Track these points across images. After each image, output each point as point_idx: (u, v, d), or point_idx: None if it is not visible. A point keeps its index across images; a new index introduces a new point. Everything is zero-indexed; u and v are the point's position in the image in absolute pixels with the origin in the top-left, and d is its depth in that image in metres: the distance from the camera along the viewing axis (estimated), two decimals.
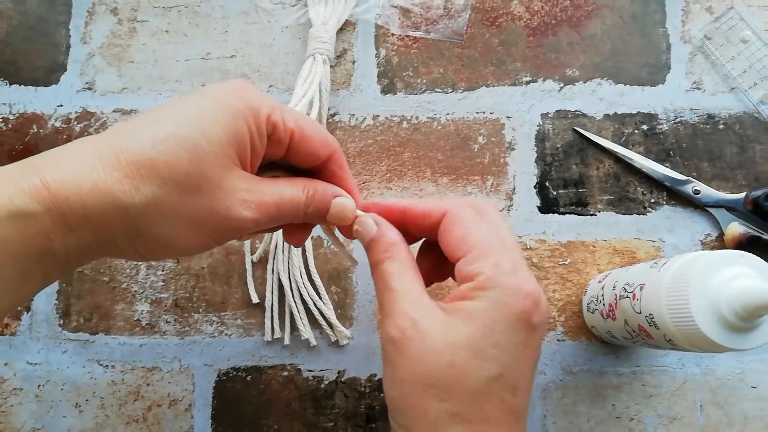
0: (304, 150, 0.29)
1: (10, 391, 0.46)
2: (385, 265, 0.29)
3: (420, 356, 0.27)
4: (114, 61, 0.51)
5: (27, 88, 0.51)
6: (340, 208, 0.30)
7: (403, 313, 0.28)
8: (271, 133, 0.28)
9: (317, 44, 0.47)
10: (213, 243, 0.27)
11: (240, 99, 0.27)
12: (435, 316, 0.27)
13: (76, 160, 0.24)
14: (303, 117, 0.29)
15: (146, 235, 0.25)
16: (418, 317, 0.27)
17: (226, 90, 0.27)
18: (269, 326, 0.45)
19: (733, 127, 0.47)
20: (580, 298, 0.45)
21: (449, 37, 0.50)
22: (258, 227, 0.28)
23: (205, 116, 0.26)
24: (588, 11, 0.50)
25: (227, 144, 0.26)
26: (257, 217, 0.27)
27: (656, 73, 0.48)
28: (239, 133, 0.26)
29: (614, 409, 0.44)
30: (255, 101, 0.27)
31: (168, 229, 0.25)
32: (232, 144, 0.26)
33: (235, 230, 0.27)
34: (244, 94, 0.27)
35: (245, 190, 0.27)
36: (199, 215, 0.26)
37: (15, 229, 0.22)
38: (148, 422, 0.45)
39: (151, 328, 0.46)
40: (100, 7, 0.51)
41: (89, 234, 0.24)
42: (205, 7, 0.51)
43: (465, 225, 0.29)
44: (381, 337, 0.28)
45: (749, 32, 0.48)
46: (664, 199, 0.47)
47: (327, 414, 0.45)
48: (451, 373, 0.26)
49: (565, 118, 0.48)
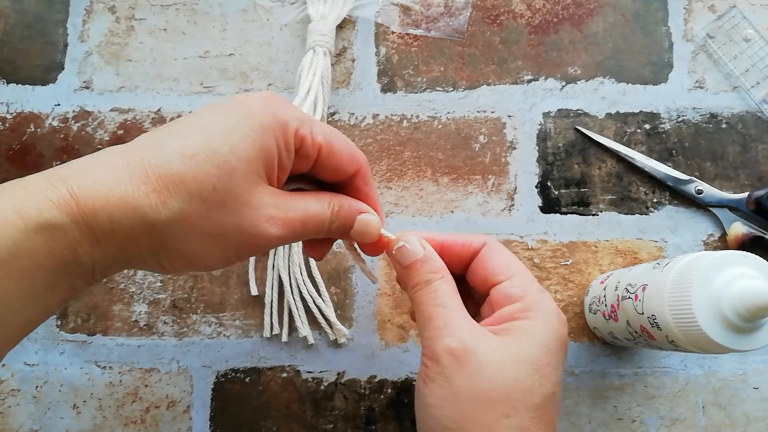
0: (331, 165, 0.29)
1: (8, 392, 0.46)
2: (436, 284, 0.30)
3: (484, 370, 0.27)
4: (112, 59, 0.50)
5: (24, 87, 0.50)
6: (365, 225, 0.30)
7: (461, 327, 0.28)
8: (299, 148, 0.27)
9: (317, 37, 0.47)
10: (236, 258, 0.27)
11: (270, 114, 0.26)
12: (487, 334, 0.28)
13: (104, 171, 0.24)
14: (332, 131, 0.29)
15: (171, 249, 0.25)
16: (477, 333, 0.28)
17: (256, 103, 0.27)
18: (268, 322, 0.45)
19: (736, 126, 0.47)
20: (581, 299, 0.45)
21: (450, 35, 0.49)
22: (282, 243, 0.28)
23: (234, 131, 0.25)
24: (590, 9, 0.49)
25: (256, 160, 0.26)
26: (283, 233, 0.27)
27: (659, 71, 0.48)
28: (268, 148, 0.26)
29: (616, 411, 0.44)
30: (284, 115, 0.27)
31: (193, 245, 0.25)
32: (260, 160, 0.26)
33: (260, 246, 0.27)
34: (274, 108, 0.27)
35: (272, 206, 0.26)
36: (225, 231, 0.25)
37: (44, 241, 0.22)
38: (146, 424, 0.45)
39: (149, 329, 0.46)
40: (98, 5, 0.51)
41: (115, 247, 0.24)
42: (203, 5, 0.51)
43: (505, 253, 0.32)
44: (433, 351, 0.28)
45: (752, 31, 0.47)
46: (666, 199, 0.46)
47: (326, 416, 0.44)
48: (516, 388, 0.27)
49: (567, 117, 0.48)
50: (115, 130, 0.49)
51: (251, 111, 0.26)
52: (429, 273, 0.30)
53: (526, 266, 0.32)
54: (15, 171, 0.48)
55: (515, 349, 0.28)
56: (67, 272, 0.24)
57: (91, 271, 0.25)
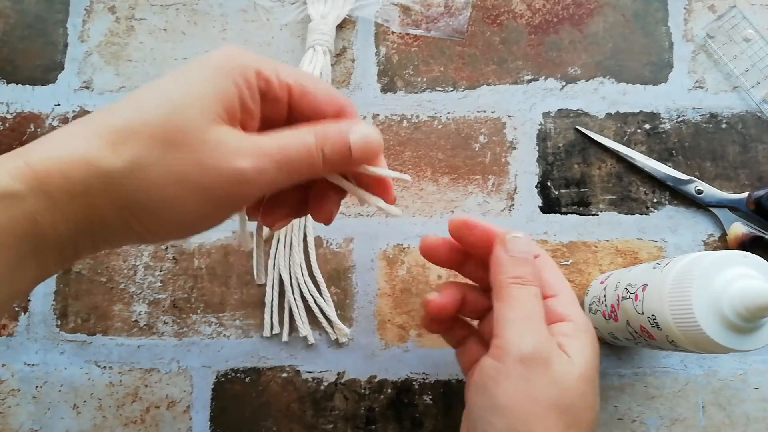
0: (307, 107, 0.27)
1: (8, 392, 0.46)
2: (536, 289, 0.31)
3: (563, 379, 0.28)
4: (112, 59, 0.50)
5: (24, 87, 0.50)
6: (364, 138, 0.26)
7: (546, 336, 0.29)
8: (265, 90, 0.26)
9: (317, 36, 0.47)
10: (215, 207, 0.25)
11: (226, 58, 0.25)
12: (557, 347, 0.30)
13: (59, 138, 0.23)
14: (303, 73, 0.27)
15: (135, 203, 0.23)
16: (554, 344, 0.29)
17: (213, 54, 0.25)
18: (268, 322, 0.45)
19: (736, 126, 0.47)
20: (581, 299, 0.45)
21: (450, 35, 0.49)
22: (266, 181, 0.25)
23: (186, 77, 0.24)
24: (590, 9, 0.49)
25: (210, 99, 0.24)
26: (258, 164, 0.24)
27: (658, 71, 0.48)
28: (223, 88, 0.24)
29: (616, 411, 0.44)
30: (243, 58, 0.25)
31: (157, 194, 0.23)
32: (217, 99, 0.24)
33: (233, 186, 0.24)
34: (232, 54, 0.25)
35: (237, 140, 0.24)
36: (188, 172, 0.23)
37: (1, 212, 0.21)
38: (146, 424, 0.45)
39: (149, 329, 0.46)
40: (98, 5, 0.51)
41: (76, 211, 0.23)
42: (203, 5, 0.51)
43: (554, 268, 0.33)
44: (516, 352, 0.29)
45: (752, 31, 0.47)
46: (666, 198, 0.46)
47: (326, 416, 0.44)
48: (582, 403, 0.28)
49: (567, 117, 0.48)
50: None
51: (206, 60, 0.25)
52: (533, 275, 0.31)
53: None
54: None
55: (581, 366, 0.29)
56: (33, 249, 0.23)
57: (58, 246, 0.23)
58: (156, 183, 0.23)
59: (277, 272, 0.45)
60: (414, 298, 0.46)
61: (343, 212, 0.47)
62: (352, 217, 0.47)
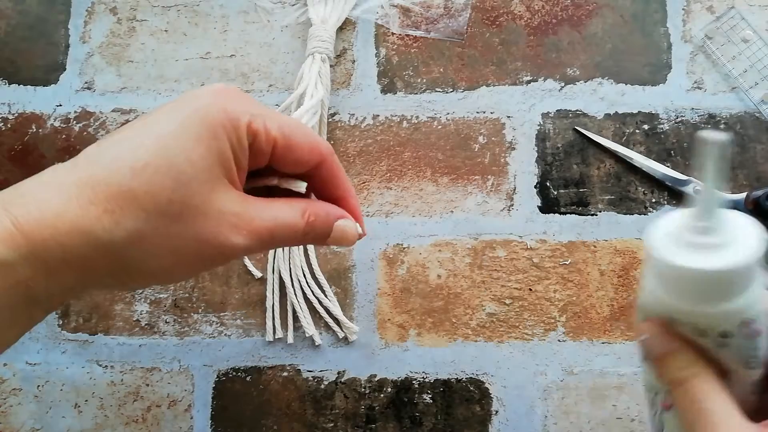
0: (290, 159, 0.27)
1: (10, 392, 0.46)
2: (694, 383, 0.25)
3: None
4: (113, 60, 0.50)
5: (26, 88, 0.50)
6: (342, 233, 0.28)
7: None
8: (252, 143, 0.25)
9: (316, 43, 0.47)
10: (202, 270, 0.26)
11: (220, 110, 0.24)
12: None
13: (48, 195, 0.22)
14: (289, 122, 0.26)
15: (132, 269, 0.23)
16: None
17: (205, 99, 0.24)
18: (270, 326, 0.45)
19: (734, 126, 0.47)
20: (581, 298, 0.45)
21: (449, 37, 0.50)
22: (249, 253, 0.26)
23: (186, 134, 0.23)
24: (589, 10, 0.50)
25: (212, 165, 0.23)
26: (249, 243, 0.25)
27: (657, 72, 0.48)
28: (223, 150, 0.24)
29: (615, 410, 0.44)
30: (235, 110, 0.24)
31: (154, 262, 0.23)
32: (217, 163, 0.24)
33: (225, 257, 0.25)
34: (224, 103, 0.24)
35: (235, 215, 0.24)
36: (186, 246, 0.23)
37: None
38: (148, 423, 0.45)
39: (151, 329, 0.46)
40: (100, 6, 0.51)
41: (72, 277, 0.22)
42: (204, 7, 0.51)
43: None
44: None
45: (750, 32, 0.48)
46: (665, 198, 0.46)
47: (327, 414, 0.45)
48: None
49: (566, 118, 0.48)
50: None
51: (201, 108, 0.24)
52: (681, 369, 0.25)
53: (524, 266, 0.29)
54: (17, 171, 0.49)
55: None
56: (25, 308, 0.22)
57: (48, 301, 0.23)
58: (156, 253, 0.23)
59: (278, 274, 0.46)
60: (414, 298, 0.46)
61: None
62: None
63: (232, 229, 0.24)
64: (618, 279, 0.45)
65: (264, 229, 0.25)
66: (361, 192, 0.47)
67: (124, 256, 0.23)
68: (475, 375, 0.45)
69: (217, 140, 0.24)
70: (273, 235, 0.25)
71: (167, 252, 0.23)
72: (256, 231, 0.25)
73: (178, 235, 0.23)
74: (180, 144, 0.23)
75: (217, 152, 0.24)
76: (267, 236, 0.25)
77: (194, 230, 0.23)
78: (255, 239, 0.25)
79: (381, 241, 0.47)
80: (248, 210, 0.25)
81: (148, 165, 0.22)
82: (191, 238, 0.23)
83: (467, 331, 0.45)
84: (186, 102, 0.24)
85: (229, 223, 0.24)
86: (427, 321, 0.45)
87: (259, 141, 0.25)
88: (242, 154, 0.25)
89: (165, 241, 0.23)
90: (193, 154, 0.23)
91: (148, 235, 0.23)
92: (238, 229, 0.24)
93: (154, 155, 0.23)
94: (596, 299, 0.45)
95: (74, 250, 0.22)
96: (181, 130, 0.23)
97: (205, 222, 0.24)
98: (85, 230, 0.22)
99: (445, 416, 0.44)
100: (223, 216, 0.24)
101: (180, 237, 0.23)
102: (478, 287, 0.46)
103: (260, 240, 0.25)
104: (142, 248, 0.23)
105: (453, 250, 0.46)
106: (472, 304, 0.45)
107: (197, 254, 0.24)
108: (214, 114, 0.24)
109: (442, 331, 0.45)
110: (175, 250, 0.23)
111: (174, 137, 0.23)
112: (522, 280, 0.46)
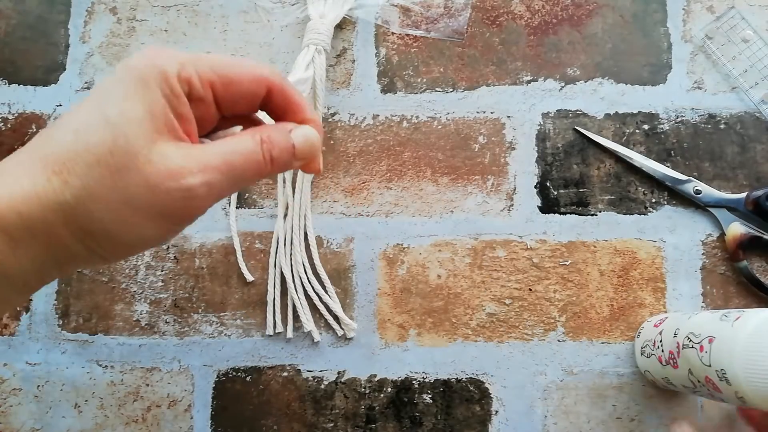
0: (235, 96, 0.26)
1: (10, 392, 0.46)
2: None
3: None
4: (113, 60, 0.50)
5: (26, 88, 0.50)
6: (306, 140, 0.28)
7: None
8: (189, 92, 0.25)
9: (312, 35, 0.47)
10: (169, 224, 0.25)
11: (148, 65, 0.24)
12: None
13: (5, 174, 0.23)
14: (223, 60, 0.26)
15: (92, 230, 0.24)
16: None
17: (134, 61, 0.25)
18: (271, 320, 0.45)
19: (734, 126, 0.47)
20: (580, 298, 0.45)
21: (449, 36, 0.50)
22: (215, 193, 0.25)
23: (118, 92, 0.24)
24: (589, 10, 0.49)
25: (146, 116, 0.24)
26: (206, 179, 0.24)
27: (657, 72, 0.48)
28: (155, 100, 0.24)
29: (615, 410, 0.44)
30: (164, 63, 0.24)
31: (112, 219, 0.24)
32: (152, 115, 0.24)
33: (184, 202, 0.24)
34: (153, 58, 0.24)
35: (182, 157, 0.24)
36: (138, 194, 0.23)
37: None
38: (148, 423, 0.45)
39: (151, 329, 0.46)
40: (99, 6, 0.51)
41: (38, 246, 0.23)
42: (204, 6, 0.51)
43: None
44: None
45: (750, 32, 0.48)
46: (665, 199, 0.46)
47: (327, 414, 0.45)
48: None
49: (566, 118, 0.48)
50: None
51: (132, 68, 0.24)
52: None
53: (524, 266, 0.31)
54: None
55: None
56: None
57: (23, 281, 0.24)
58: (108, 208, 0.23)
59: (279, 270, 0.46)
60: (414, 298, 0.46)
61: (343, 212, 0.47)
62: (352, 217, 0.47)
63: (181, 171, 0.24)
64: (618, 279, 0.45)
65: (218, 162, 0.25)
66: (361, 192, 0.47)
67: (80, 215, 0.23)
68: (475, 375, 0.45)
69: (149, 92, 0.24)
70: (231, 166, 0.25)
71: (120, 204, 0.23)
72: (209, 166, 0.25)
73: (127, 185, 0.23)
74: (112, 101, 0.24)
75: (150, 103, 0.24)
76: (225, 168, 0.25)
77: (142, 177, 0.23)
78: (211, 174, 0.24)
79: (381, 241, 0.47)
80: (195, 151, 0.25)
81: (87, 124, 0.24)
82: (141, 185, 0.23)
83: (467, 331, 0.45)
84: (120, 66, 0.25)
85: (177, 165, 0.24)
86: (427, 321, 0.46)
87: (195, 86, 0.25)
88: (179, 102, 0.25)
89: (114, 194, 0.23)
90: (125, 106, 0.24)
91: (97, 189, 0.23)
92: (188, 170, 0.24)
93: (91, 116, 0.24)
94: (596, 299, 0.45)
95: (32, 216, 0.22)
96: (113, 89, 0.24)
97: (152, 168, 0.24)
98: (38, 195, 0.23)
99: (445, 416, 0.44)
100: (170, 160, 0.24)
101: (129, 186, 0.23)
102: (478, 287, 0.46)
103: (219, 173, 0.25)
104: (94, 203, 0.23)
105: (453, 250, 0.46)
106: (472, 304, 0.45)
107: (153, 203, 0.24)
108: (142, 68, 0.24)
109: (442, 331, 0.45)
110: (127, 201, 0.23)
111: (107, 96, 0.24)
112: (522, 280, 0.46)
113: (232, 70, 0.26)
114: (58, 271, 0.25)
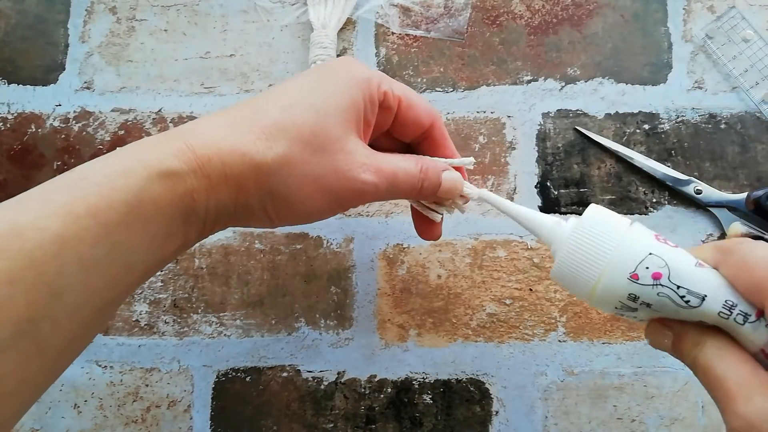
0: (410, 118, 0.31)
1: None
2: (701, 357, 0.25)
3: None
4: (113, 60, 0.50)
5: (25, 88, 0.50)
6: (451, 182, 0.32)
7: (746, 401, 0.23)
8: (382, 101, 0.30)
9: (318, 50, 0.47)
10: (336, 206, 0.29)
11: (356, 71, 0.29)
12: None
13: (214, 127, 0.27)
14: (407, 87, 0.31)
15: (276, 193, 0.27)
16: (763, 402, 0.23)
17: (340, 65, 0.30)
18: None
19: (735, 126, 0.47)
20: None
21: (450, 36, 0.49)
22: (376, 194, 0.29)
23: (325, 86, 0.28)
24: (589, 10, 0.49)
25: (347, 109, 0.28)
26: (377, 181, 0.29)
27: (658, 72, 0.48)
28: (356, 100, 0.28)
29: (616, 410, 0.44)
30: (368, 72, 0.29)
31: (296, 188, 0.27)
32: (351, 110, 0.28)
33: (355, 193, 0.28)
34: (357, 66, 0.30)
35: (364, 155, 0.28)
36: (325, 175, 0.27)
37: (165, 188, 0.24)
38: (147, 423, 0.45)
39: (150, 329, 0.46)
40: (99, 6, 0.51)
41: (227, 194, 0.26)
42: (204, 6, 0.51)
43: None
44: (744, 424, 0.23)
45: (751, 31, 0.48)
46: (665, 199, 0.46)
47: (327, 415, 0.45)
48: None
49: (566, 118, 0.48)
50: (116, 130, 0.49)
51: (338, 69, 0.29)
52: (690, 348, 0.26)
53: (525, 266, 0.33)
54: (16, 171, 0.48)
55: None
56: (184, 221, 0.26)
57: (203, 221, 0.26)
58: (297, 180, 0.27)
59: None
60: (414, 298, 0.46)
61: (343, 212, 0.47)
62: (352, 217, 0.47)
63: (362, 166, 0.28)
64: None
65: (389, 171, 0.29)
66: None
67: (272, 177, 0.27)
68: (476, 375, 0.45)
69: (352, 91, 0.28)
70: (396, 177, 0.30)
71: (309, 180, 0.27)
72: (383, 171, 0.29)
73: (319, 164, 0.27)
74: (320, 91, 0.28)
75: (351, 101, 0.28)
76: (392, 177, 0.29)
77: (332, 161, 0.27)
78: (382, 178, 0.29)
79: (381, 241, 0.47)
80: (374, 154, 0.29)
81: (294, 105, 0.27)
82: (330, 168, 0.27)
83: (467, 331, 0.45)
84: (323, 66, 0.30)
85: (360, 162, 0.28)
86: (427, 321, 0.45)
87: (389, 99, 0.30)
88: (371, 109, 0.29)
89: (307, 168, 0.27)
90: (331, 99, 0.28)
91: (294, 160, 0.27)
92: (367, 167, 0.28)
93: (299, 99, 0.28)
94: None
95: (232, 167, 0.26)
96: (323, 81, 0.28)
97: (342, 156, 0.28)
98: (243, 151, 0.26)
99: (445, 417, 0.44)
100: (355, 155, 0.28)
101: (320, 165, 0.27)
102: (478, 287, 0.46)
103: (386, 180, 0.29)
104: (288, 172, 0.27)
105: (453, 250, 0.46)
106: (472, 305, 0.45)
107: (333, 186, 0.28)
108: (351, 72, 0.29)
109: (442, 332, 0.45)
110: (316, 179, 0.27)
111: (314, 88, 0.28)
112: (522, 281, 0.45)
113: (414, 98, 0.31)
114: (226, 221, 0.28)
